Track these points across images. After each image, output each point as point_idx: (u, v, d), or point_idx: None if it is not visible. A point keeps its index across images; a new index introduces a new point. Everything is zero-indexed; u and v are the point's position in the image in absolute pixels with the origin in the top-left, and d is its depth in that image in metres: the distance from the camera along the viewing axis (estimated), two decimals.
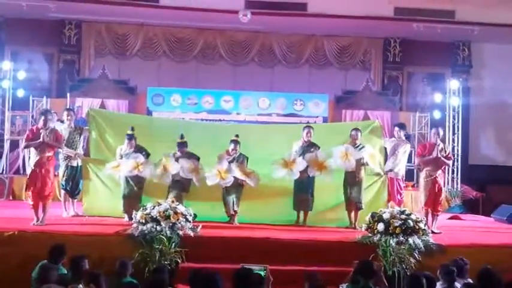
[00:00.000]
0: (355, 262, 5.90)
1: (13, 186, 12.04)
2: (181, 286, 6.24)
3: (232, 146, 8.84)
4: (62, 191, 9.15)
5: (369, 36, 15.51)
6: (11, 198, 11.90)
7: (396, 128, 9.65)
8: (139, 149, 8.64)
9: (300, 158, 8.75)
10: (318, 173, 8.76)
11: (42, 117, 8.30)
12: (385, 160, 9.51)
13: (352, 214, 8.85)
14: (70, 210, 9.12)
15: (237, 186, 8.77)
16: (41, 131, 8.15)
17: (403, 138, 9.57)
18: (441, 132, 9.00)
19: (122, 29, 15.08)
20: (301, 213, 9.00)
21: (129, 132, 8.66)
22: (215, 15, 13.75)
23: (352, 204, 8.83)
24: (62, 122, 9.04)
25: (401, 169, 9.45)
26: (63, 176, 8.97)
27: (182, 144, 8.79)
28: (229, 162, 8.68)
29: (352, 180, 8.83)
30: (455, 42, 15.61)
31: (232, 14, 13.11)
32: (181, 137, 8.83)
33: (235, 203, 8.76)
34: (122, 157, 8.60)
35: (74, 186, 9.03)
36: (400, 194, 9.47)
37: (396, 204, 8.97)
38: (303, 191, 8.88)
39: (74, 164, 9.01)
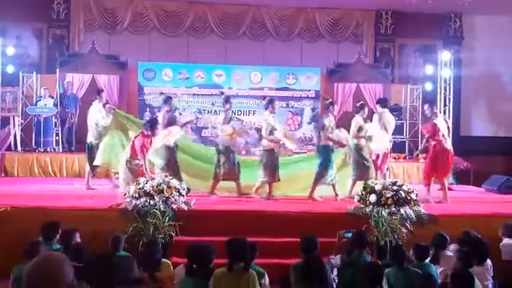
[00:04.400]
0: (339, 232, 5.94)
1: (5, 162, 12.00)
2: (176, 259, 6.27)
3: (228, 103, 9.30)
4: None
5: (361, 9, 15.42)
6: (2, 174, 11.88)
7: (377, 105, 9.73)
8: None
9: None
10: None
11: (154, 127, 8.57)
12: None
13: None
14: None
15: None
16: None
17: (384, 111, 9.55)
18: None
19: (110, 3, 14.89)
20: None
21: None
22: None
23: None
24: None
25: (375, 142, 9.38)
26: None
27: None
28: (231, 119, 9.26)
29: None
30: (446, 14, 15.56)
31: None
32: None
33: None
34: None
35: None
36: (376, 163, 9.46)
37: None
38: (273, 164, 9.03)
39: None
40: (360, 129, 9.04)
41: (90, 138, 9.62)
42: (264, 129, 8.91)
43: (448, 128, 9.47)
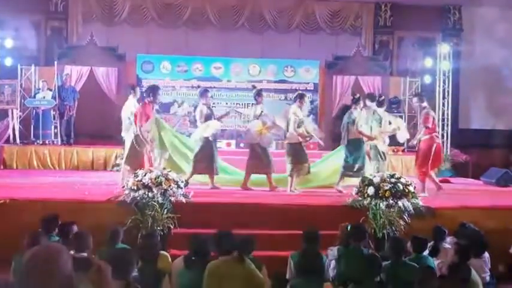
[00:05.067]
0: (341, 225, 5.97)
1: (4, 155, 12.01)
2: (175, 251, 6.28)
3: (261, 97, 9.45)
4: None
5: (360, 1, 15.38)
6: (1, 167, 11.88)
7: (367, 100, 9.63)
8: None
9: None
10: None
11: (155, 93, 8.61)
12: None
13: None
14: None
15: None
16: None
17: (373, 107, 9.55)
18: None
19: None
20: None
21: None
22: None
23: None
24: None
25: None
26: None
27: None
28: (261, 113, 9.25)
29: None
30: (445, 6, 15.51)
31: None
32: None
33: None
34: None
35: None
36: None
37: None
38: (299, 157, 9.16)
39: None
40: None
41: (124, 132, 9.49)
42: (292, 122, 8.90)
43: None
